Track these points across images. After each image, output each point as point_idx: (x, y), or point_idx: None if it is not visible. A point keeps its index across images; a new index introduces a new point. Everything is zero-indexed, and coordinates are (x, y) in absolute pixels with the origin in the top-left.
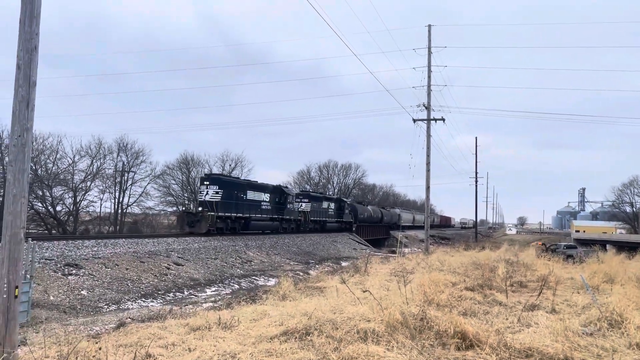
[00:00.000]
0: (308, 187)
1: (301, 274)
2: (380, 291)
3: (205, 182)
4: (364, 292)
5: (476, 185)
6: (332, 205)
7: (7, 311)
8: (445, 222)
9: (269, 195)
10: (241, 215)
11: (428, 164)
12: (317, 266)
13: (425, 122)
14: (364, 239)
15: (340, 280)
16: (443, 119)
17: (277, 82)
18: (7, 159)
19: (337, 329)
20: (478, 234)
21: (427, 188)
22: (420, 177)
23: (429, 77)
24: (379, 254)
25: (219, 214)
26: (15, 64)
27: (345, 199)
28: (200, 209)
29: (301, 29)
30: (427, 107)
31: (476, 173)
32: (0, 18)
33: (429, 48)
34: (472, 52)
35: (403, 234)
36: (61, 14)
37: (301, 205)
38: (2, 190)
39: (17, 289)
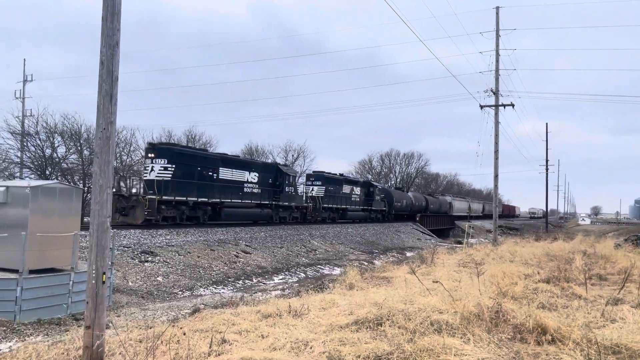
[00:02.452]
0: (369, 176)
1: (366, 263)
2: (450, 282)
3: (149, 155)
4: (434, 282)
5: (547, 173)
6: (357, 190)
7: (95, 296)
8: (509, 212)
9: (257, 174)
10: (207, 200)
11: (496, 151)
12: (381, 256)
13: (493, 108)
14: (428, 229)
15: (407, 271)
16: (512, 105)
17: (333, 72)
18: (85, 152)
19: (410, 320)
20: (548, 224)
21: (496, 177)
22: (487, 165)
23: (497, 61)
24: (444, 244)
25: (165, 197)
26: (98, 61)
27: (375, 183)
28: (141, 191)
29: (355, 17)
30: (495, 93)
31: (547, 160)
32: (82, 20)
33: (497, 31)
34: (539, 33)
35: (469, 224)
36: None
37: (312, 189)
38: (80, 183)
39: (104, 275)
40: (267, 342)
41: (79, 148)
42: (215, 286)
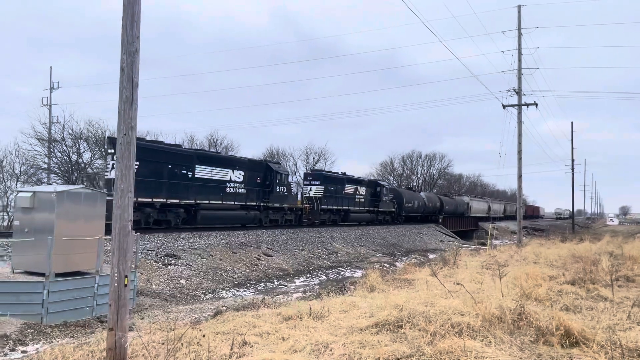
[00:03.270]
0: (391, 178)
1: (387, 265)
2: (472, 284)
3: (109, 150)
4: (456, 284)
5: (572, 173)
6: (362, 190)
7: (118, 299)
8: (532, 212)
9: (242, 173)
10: (178, 201)
11: (520, 151)
12: (403, 258)
13: (516, 107)
14: (450, 231)
15: (429, 273)
16: (535, 104)
17: (351, 74)
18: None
19: (430, 322)
20: (575, 225)
21: (519, 177)
22: (511, 166)
23: (519, 60)
24: (468, 246)
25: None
26: (119, 67)
27: (383, 183)
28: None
29: (373, 19)
30: (518, 92)
31: (572, 159)
32: (104, 28)
33: (519, 29)
34: (561, 31)
35: (493, 226)
36: (143, 20)
37: (310, 189)
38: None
39: (126, 278)
40: (288, 345)
41: (104, 153)
42: (237, 288)
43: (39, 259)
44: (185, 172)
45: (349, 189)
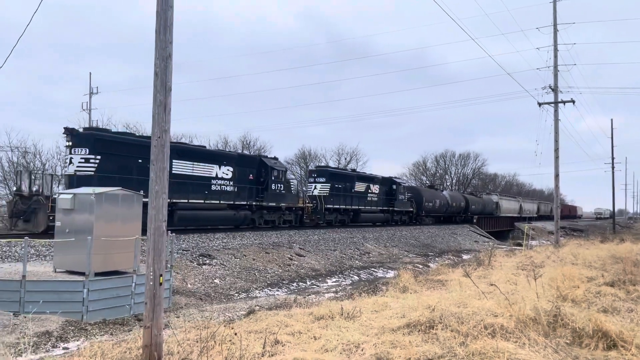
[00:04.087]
0: (424, 178)
1: (420, 266)
2: (507, 285)
3: (67, 143)
4: (490, 285)
5: (612, 172)
6: (375, 188)
7: (153, 297)
8: (569, 212)
9: (231, 169)
10: (148, 200)
11: (556, 150)
12: (436, 259)
13: (552, 105)
14: (485, 231)
15: (462, 274)
16: (573, 101)
17: (381, 74)
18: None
19: (463, 323)
20: (616, 225)
21: (556, 176)
22: (547, 165)
23: (555, 56)
24: (503, 246)
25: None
26: (153, 72)
27: (399, 180)
28: (43, 189)
29: (402, 19)
30: (554, 90)
31: (612, 158)
32: (139, 33)
33: (555, 25)
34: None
35: (529, 226)
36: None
37: (314, 188)
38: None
39: (161, 277)
40: (319, 344)
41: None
42: (270, 288)
43: (79, 259)
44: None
45: (360, 186)
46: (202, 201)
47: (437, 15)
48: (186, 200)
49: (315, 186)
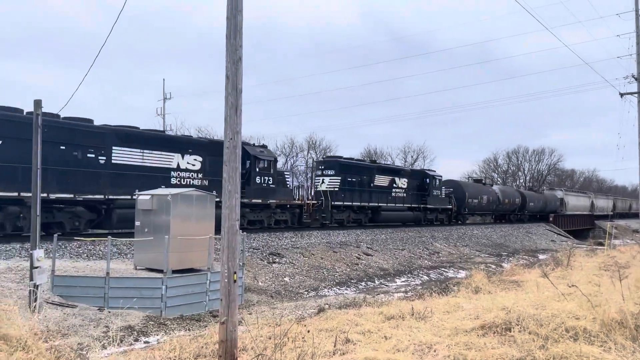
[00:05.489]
0: (495, 175)
1: (493, 266)
2: (589, 287)
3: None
4: (570, 287)
5: None
6: (402, 182)
7: (228, 294)
8: None
9: (199, 158)
10: (74, 197)
11: None
12: (510, 259)
13: (636, 95)
14: (563, 230)
15: (539, 274)
16: None
17: (445, 70)
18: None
19: (542, 325)
20: None
21: None
22: (631, 159)
23: (638, 43)
24: (582, 246)
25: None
26: (224, 76)
27: (432, 173)
28: None
29: (465, 11)
30: (638, 79)
31: None
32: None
33: (637, 10)
34: None
35: (611, 224)
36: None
37: (321, 182)
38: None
39: (235, 275)
40: (390, 344)
41: None
42: (338, 287)
43: (157, 257)
44: (93, 156)
45: (381, 180)
46: None
47: (500, 6)
48: (130, 197)
49: (322, 180)
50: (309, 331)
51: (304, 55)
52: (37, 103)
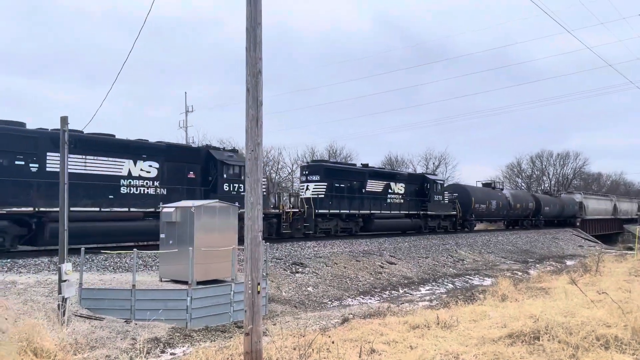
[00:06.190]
0: (519, 180)
1: (519, 273)
2: (619, 293)
3: None
4: (599, 293)
5: None
6: (399, 187)
7: (252, 305)
8: None
9: (156, 164)
10: (16, 209)
11: None
12: (536, 265)
13: None
14: (591, 235)
15: (567, 281)
16: None
17: (464, 75)
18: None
19: (571, 334)
20: None
21: None
22: None
23: None
24: (611, 251)
25: None
26: (244, 88)
27: (433, 177)
28: None
29: (483, 15)
30: None
31: None
32: (221, 53)
33: None
34: None
35: None
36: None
37: (305, 188)
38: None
39: (258, 286)
40: (416, 354)
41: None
42: (362, 296)
43: (182, 269)
44: (22, 163)
45: (374, 185)
46: (98, 209)
47: (520, 9)
48: (76, 209)
49: (307, 186)
50: (333, 342)
51: (320, 63)
52: (64, 119)
